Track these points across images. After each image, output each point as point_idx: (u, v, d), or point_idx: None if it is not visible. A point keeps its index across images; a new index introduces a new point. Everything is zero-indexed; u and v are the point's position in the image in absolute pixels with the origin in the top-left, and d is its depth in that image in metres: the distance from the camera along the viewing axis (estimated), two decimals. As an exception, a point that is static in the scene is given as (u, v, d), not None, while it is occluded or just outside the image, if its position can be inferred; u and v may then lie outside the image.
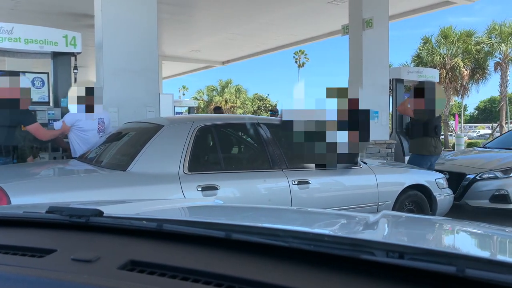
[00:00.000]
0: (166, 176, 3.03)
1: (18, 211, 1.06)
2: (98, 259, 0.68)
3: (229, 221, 0.90)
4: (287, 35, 9.97)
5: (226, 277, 0.60)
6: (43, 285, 0.58)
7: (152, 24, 5.27)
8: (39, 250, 0.75)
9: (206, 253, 0.72)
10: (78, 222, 0.87)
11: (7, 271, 0.62)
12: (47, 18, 7.51)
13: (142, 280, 0.60)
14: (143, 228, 0.82)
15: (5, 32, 4.98)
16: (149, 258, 0.68)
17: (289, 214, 1.24)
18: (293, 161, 3.62)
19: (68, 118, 4.35)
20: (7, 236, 0.87)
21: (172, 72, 15.99)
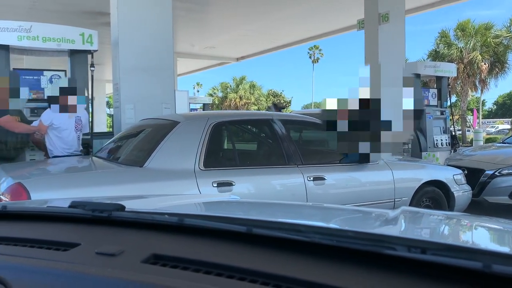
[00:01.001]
0: (182, 172, 3.05)
1: (41, 206, 1.08)
2: (122, 253, 0.69)
3: (249, 216, 0.90)
4: (302, 30, 9.91)
5: (248, 271, 0.60)
6: (68, 278, 0.59)
7: (167, 22, 5.30)
8: (63, 244, 0.77)
9: (226, 247, 0.72)
10: (100, 217, 0.89)
11: (34, 264, 0.63)
12: (64, 16, 7.61)
13: (165, 273, 0.61)
14: (165, 222, 0.82)
15: (24, 31, 5.05)
16: (171, 252, 0.69)
17: (307, 210, 1.23)
18: (308, 157, 3.61)
19: (45, 117, 4.32)
20: (32, 230, 0.89)
21: (186, 69, 16.06)
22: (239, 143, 4.22)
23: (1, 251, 0.72)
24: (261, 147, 4.18)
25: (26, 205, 1.15)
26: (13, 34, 5.01)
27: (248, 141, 4.49)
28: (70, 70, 5.52)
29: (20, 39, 5.04)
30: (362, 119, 3.32)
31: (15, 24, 5.04)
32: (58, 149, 4.33)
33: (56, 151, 4.34)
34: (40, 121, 4.31)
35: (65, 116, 4.30)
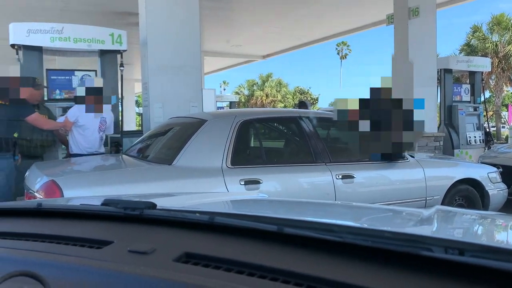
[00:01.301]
0: (210, 170, 3.06)
1: (74, 204, 1.10)
2: (154, 251, 0.69)
3: (279, 215, 0.88)
4: (329, 26, 9.78)
5: (280, 271, 0.59)
6: (102, 275, 0.59)
7: (194, 21, 5.33)
8: (97, 241, 0.78)
9: (257, 246, 0.71)
10: (132, 215, 0.89)
11: (68, 261, 0.64)
12: (94, 17, 7.78)
13: (197, 272, 0.60)
14: (196, 220, 0.82)
15: (56, 32, 5.19)
16: (202, 251, 0.69)
17: (337, 209, 1.21)
18: (337, 155, 3.56)
19: (71, 114, 4.38)
20: (66, 227, 0.91)
21: (213, 68, 16.16)
22: (266, 140, 4.21)
23: (37, 248, 0.73)
24: (288, 145, 4.15)
25: (60, 203, 1.17)
26: (46, 36, 5.17)
27: (275, 139, 4.47)
28: (101, 70, 5.64)
29: (53, 40, 5.19)
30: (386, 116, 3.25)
31: (47, 25, 5.20)
32: (78, 147, 4.38)
33: (76, 149, 4.39)
34: (66, 118, 4.38)
35: (90, 115, 4.34)
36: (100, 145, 4.53)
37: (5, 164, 3.91)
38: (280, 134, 4.36)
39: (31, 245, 0.76)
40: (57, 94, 5.33)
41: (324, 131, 3.96)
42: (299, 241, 0.71)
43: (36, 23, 5.18)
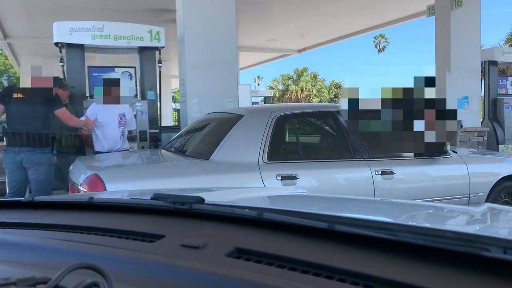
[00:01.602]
0: (247, 165, 3.07)
1: (124, 197, 1.13)
2: (205, 246, 0.70)
3: (328, 212, 0.87)
4: (366, 19, 9.55)
5: (336, 270, 0.58)
6: (156, 269, 0.60)
7: (231, 17, 5.35)
8: (148, 235, 0.79)
9: (307, 243, 0.70)
10: (181, 209, 0.90)
11: (123, 254, 0.65)
12: (131, 15, 7.95)
13: (250, 268, 0.60)
14: (245, 216, 0.82)
15: (97, 30, 5.35)
16: (253, 246, 0.68)
17: (385, 206, 1.18)
18: (376, 151, 3.49)
19: (90, 112, 4.37)
20: (116, 220, 0.93)
21: (247, 63, 16.18)
22: (302, 135, 4.17)
23: (92, 241, 0.75)
24: (325, 140, 4.10)
25: (110, 197, 1.21)
26: (88, 34, 5.33)
27: (312, 134, 4.42)
28: (140, 67, 5.77)
29: (94, 38, 5.34)
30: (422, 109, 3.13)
31: (89, 24, 5.36)
32: (101, 145, 4.37)
33: (99, 147, 4.39)
34: (86, 116, 4.39)
35: (108, 111, 4.32)
36: (122, 141, 4.50)
37: (45, 158, 3.97)
38: (317, 129, 4.31)
39: (86, 237, 0.78)
40: (98, 90, 5.48)
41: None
42: (349, 239, 0.69)
43: (78, 22, 5.35)
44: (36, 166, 3.92)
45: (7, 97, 3.91)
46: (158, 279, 0.57)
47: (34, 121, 3.90)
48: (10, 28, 9.76)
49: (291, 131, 3.82)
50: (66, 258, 0.66)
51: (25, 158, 3.88)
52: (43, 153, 3.93)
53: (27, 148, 3.86)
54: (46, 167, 3.98)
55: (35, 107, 3.89)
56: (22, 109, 3.89)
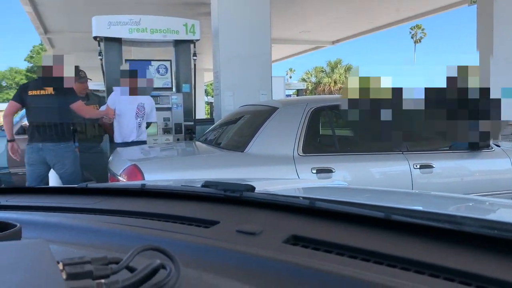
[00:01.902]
0: (281, 157, 3.07)
1: (175, 185, 1.15)
2: (261, 232, 0.70)
3: (381, 203, 0.86)
4: (403, 9, 9.29)
5: (398, 259, 0.57)
6: (216, 253, 0.61)
7: (265, 9, 5.34)
8: (203, 221, 0.80)
9: (361, 232, 0.70)
10: (232, 196, 0.92)
11: (182, 239, 0.67)
12: (165, 9, 8.05)
13: (309, 255, 0.60)
14: (299, 205, 0.82)
15: (134, 24, 5.45)
16: (309, 234, 0.68)
17: (433, 199, 1.15)
18: (414, 143, 3.41)
19: (110, 101, 4.38)
20: (169, 207, 0.95)
21: (279, 55, 16.10)
22: (338, 128, 4.12)
23: (150, 225, 0.77)
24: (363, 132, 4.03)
25: (161, 184, 1.24)
26: (125, 28, 5.44)
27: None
28: (175, 60, 5.85)
29: (131, 32, 5.45)
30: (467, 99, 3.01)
31: (126, 18, 5.47)
32: (116, 136, 4.39)
33: (116, 137, 4.41)
34: (107, 105, 4.41)
35: (126, 101, 4.30)
36: (138, 132, 4.45)
37: (69, 152, 4.00)
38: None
39: (143, 222, 0.81)
40: (135, 83, 5.59)
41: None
42: (402, 229, 0.68)
43: (116, 16, 5.47)
44: (61, 161, 3.94)
45: (23, 95, 3.92)
46: (217, 263, 0.58)
47: (54, 115, 3.92)
48: (50, 23, 10.10)
49: (327, 123, 3.78)
50: (126, 241, 0.69)
51: (49, 154, 3.91)
52: (66, 147, 3.96)
53: (51, 143, 3.89)
54: (71, 160, 4.01)
55: (53, 101, 3.89)
56: (41, 104, 3.90)
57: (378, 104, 3.51)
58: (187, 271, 0.49)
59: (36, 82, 3.99)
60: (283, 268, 0.54)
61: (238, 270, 0.56)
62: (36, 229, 0.77)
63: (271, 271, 0.54)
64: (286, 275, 0.53)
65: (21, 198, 1.10)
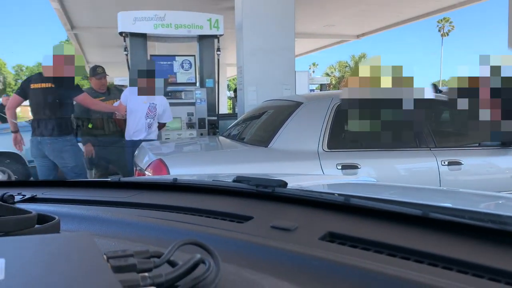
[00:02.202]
0: (306, 153, 3.05)
1: (206, 180, 1.16)
2: (296, 229, 0.70)
3: (415, 200, 0.85)
4: (431, 2, 9.08)
5: (438, 257, 0.56)
6: (251, 249, 0.61)
7: (289, 3, 5.30)
8: (236, 216, 0.80)
9: (397, 230, 0.68)
10: (264, 192, 0.91)
11: (217, 233, 0.67)
12: (188, 4, 8.08)
13: (347, 252, 0.59)
14: (334, 201, 0.82)
15: (159, 19, 5.50)
16: (345, 231, 0.68)
17: (466, 196, 1.13)
18: (442, 140, 3.34)
19: (123, 97, 4.35)
20: (201, 201, 0.96)
21: (303, 50, 15.98)
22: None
23: (185, 220, 0.78)
24: (388, 128, 3.97)
25: (192, 179, 1.25)
26: (150, 23, 5.49)
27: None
28: (199, 55, 5.88)
29: (156, 27, 5.50)
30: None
31: (151, 13, 5.52)
32: (126, 133, 4.37)
33: (125, 135, 4.39)
34: (120, 102, 4.39)
35: (138, 100, 4.26)
36: (148, 132, 4.40)
37: (67, 146, 3.94)
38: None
39: (177, 216, 0.81)
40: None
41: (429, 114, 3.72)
42: (439, 227, 0.67)
43: (141, 11, 5.52)
44: (59, 155, 3.92)
45: (26, 88, 3.93)
46: (253, 259, 0.58)
47: (52, 109, 3.87)
48: (76, 19, 10.29)
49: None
50: (161, 235, 0.69)
51: (47, 148, 3.90)
52: (64, 140, 3.91)
53: (48, 137, 3.87)
54: (70, 154, 3.95)
55: (52, 94, 3.85)
56: (40, 98, 3.88)
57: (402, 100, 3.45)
58: (224, 266, 0.49)
59: (38, 75, 3.98)
60: (321, 265, 0.54)
61: (275, 266, 0.55)
62: (73, 222, 0.79)
63: (309, 268, 0.54)
64: (325, 273, 0.53)
65: (56, 191, 1.13)
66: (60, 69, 3.70)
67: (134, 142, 4.28)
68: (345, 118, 3.67)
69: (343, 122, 3.62)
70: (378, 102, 3.30)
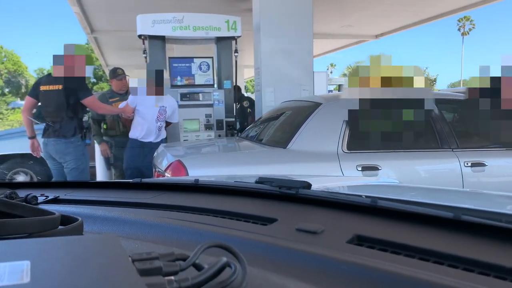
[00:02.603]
0: (325, 154, 3.02)
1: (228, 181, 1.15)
2: (323, 232, 0.68)
3: (446, 202, 0.82)
4: (450, 0, 8.92)
5: (474, 262, 0.53)
6: (277, 252, 0.59)
7: (307, 3, 5.27)
8: (260, 218, 0.79)
9: (428, 233, 0.66)
10: (287, 193, 0.89)
11: (240, 235, 0.65)
12: (206, 6, 8.12)
13: (376, 256, 0.57)
14: (361, 203, 0.79)
15: (177, 21, 5.53)
16: (373, 234, 0.65)
17: (495, 199, 1.09)
18: (466, 140, 3.27)
19: (131, 100, 4.26)
20: (223, 203, 0.94)
21: (320, 50, 15.89)
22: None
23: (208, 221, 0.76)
24: (409, 129, 3.91)
25: (214, 180, 1.24)
26: (168, 26, 5.52)
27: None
28: (217, 57, 5.89)
29: (174, 30, 5.53)
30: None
31: (169, 16, 5.55)
32: (135, 134, 4.31)
33: (133, 134, 4.32)
34: (126, 103, 4.30)
35: (149, 103, 4.23)
36: (157, 135, 4.39)
37: (71, 148, 3.88)
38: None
39: (200, 218, 0.80)
40: (178, 80, 5.70)
41: (450, 114, 3.65)
42: (471, 230, 0.64)
43: (159, 14, 5.56)
44: (63, 157, 3.88)
45: (37, 90, 3.88)
46: (279, 262, 0.56)
47: (58, 111, 3.82)
48: (96, 22, 10.45)
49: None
50: (185, 237, 0.68)
51: (52, 149, 3.88)
52: (68, 142, 3.85)
53: (53, 139, 3.85)
54: (73, 156, 3.90)
55: (60, 96, 3.79)
56: (49, 100, 3.85)
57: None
58: (250, 269, 0.47)
59: (48, 76, 3.93)
60: (350, 269, 0.52)
61: (302, 270, 0.53)
62: (96, 223, 0.78)
63: (337, 272, 0.52)
64: (354, 277, 0.51)
65: (78, 192, 1.13)
66: (70, 69, 3.66)
67: (143, 143, 4.29)
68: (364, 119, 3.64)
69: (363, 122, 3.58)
70: (393, 102, 3.26)
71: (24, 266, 0.33)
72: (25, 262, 0.34)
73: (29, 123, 3.96)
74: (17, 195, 0.90)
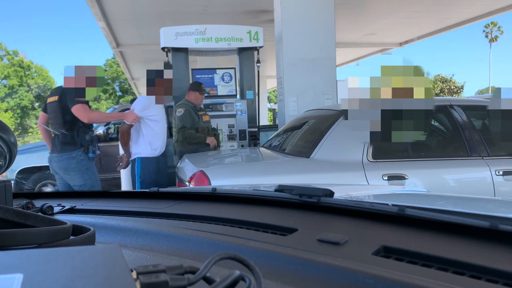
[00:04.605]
0: (349, 163, 2.95)
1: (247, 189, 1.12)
2: (346, 242, 0.64)
3: (480, 211, 0.76)
4: (478, 5, 8.70)
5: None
6: (297, 264, 0.55)
7: (329, 12, 5.24)
8: (279, 228, 0.75)
9: (463, 243, 0.60)
10: (309, 202, 0.85)
11: (258, 247, 0.62)
12: (228, 18, 8.19)
13: (406, 270, 0.52)
14: (385, 212, 0.74)
15: (200, 33, 5.59)
16: (400, 245, 0.61)
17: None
18: (496, 148, 3.14)
19: (138, 106, 3.94)
20: (241, 212, 0.91)
21: (343, 60, 15.78)
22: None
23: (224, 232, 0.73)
24: (438, 137, 3.80)
25: (231, 189, 1.21)
26: (191, 38, 5.59)
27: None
28: (239, 67, 5.91)
29: (197, 42, 5.59)
30: None
31: (192, 28, 5.62)
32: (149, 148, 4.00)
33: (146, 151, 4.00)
34: (131, 109, 3.99)
35: (162, 118, 4.09)
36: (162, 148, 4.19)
37: (73, 163, 3.69)
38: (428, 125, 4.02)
39: (216, 228, 0.77)
40: (201, 91, 5.72)
41: (479, 121, 3.53)
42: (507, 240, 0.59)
43: (182, 26, 5.64)
44: (66, 173, 3.72)
45: (45, 103, 3.80)
46: (299, 275, 0.52)
47: (57, 123, 3.69)
48: (121, 37, 10.69)
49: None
50: (200, 248, 0.65)
51: (55, 166, 3.74)
52: (69, 158, 3.66)
53: (55, 154, 3.71)
54: (76, 172, 3.70)
55: (57, 108, 3.67)
56: (50, 112, 3.75)
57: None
58: (266, 283, 0.43)
59: (55, 88, 3.87)
60: (377, 284, 0.47)
61: (323, 284, 0.49)
62: (109, 233, 0.76)
63: (362, 286, 0.48)
64: None
65: (96, 202, 1.12)
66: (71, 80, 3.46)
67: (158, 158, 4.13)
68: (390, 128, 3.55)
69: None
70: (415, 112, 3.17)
71: (15, 280, 0.30)
72: (17, 276, 0.31)
73: (46, 137, 3.84)
74: (33, 205, 0.89)
